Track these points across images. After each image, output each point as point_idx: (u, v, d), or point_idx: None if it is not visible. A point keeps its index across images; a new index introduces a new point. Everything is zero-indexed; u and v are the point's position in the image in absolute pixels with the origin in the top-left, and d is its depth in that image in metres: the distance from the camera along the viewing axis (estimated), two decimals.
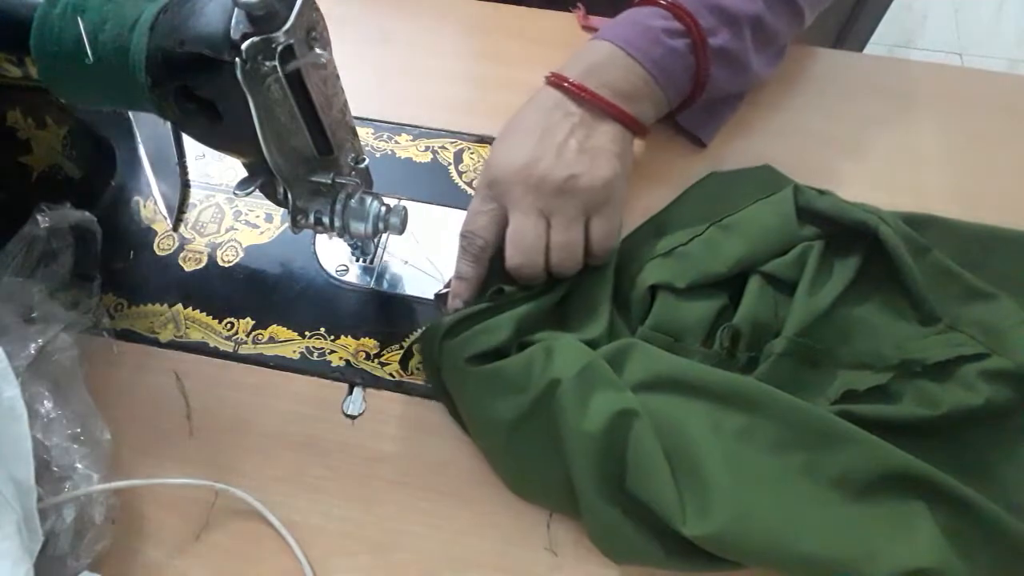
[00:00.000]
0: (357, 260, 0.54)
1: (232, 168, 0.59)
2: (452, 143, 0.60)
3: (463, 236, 0.49)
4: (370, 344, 0.51)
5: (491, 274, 0.49)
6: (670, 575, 0.43)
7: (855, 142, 0.58)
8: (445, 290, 0.50)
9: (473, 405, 0.46)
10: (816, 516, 0.41)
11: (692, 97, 0.54)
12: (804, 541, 0.40)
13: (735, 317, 0.48)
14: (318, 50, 0.38)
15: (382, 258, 0.55)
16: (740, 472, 0.41)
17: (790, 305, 0.48)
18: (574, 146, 0.48)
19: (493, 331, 0.46)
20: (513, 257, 0.47)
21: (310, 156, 0.44)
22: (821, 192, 0.52)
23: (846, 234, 0.50)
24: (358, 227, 0.46)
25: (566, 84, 0.50)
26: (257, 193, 0.45)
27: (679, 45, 0.51)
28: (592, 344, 0.46)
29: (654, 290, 0.50)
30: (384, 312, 0.53)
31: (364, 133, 0.60)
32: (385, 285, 0.54)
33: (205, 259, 0.55)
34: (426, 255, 0.55)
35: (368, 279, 0.54)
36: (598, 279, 0.50)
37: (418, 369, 0.50)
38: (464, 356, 0.46)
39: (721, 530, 0.40)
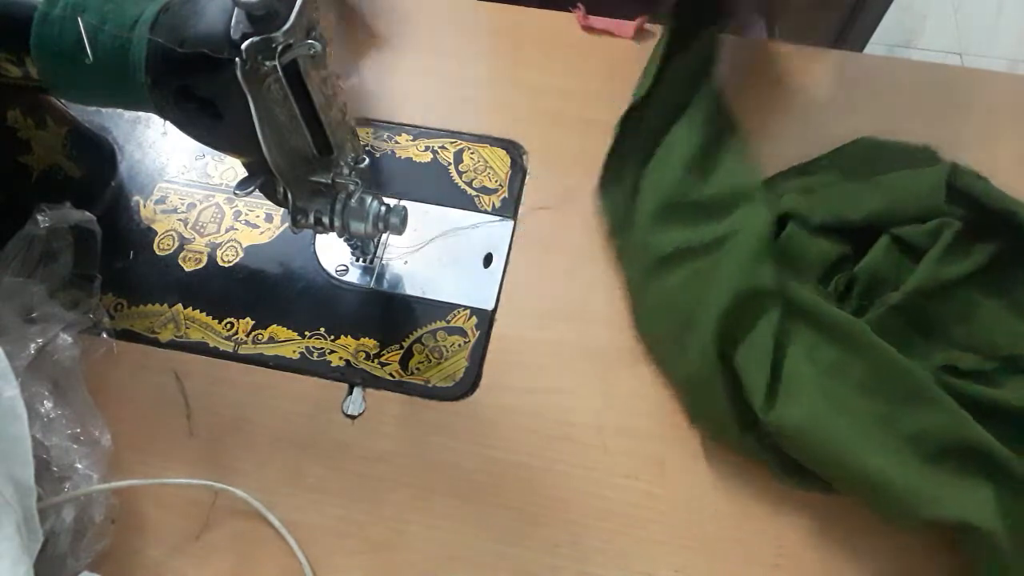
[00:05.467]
0: (357, 260, 0.54)
1: (232, 168, 0.59)
2: (452, 143, 0.60)
3: None
4: (370, 344, 0.51)
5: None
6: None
7: None
8: None
9: (647, 228, 0.50)
10: (886, 456, 0.42)
11: None
12: (872, 460, 0.41)
13: (856, 267, 0.49)
14: (311, 40, 0.38)
15: (382, 258, 0.55)
16: (824, 394, 0.43)
17: (913, 271, 0.49)
18: None
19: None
20: None
21: (310, 156, 0.44)
22: (979, 176, 0.51)
23: (989, 221, 0.50)
24: (358, 227, 0.46)
25: None
26: (257, 193, 0.45)
27: None
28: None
29: (784, 222, 0.51)
30: (384, 312, 0.53)
31: (364, 133, 0.60)
32: (385, 285, 0.54)
33: (205, 259, 0.55)
34: (426, 255, 0.55)
35: (368, 279, 0.54)
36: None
37: (418, 369, 0.50)
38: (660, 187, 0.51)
39: (795, 424, 0.42)
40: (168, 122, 0.43)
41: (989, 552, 0.40)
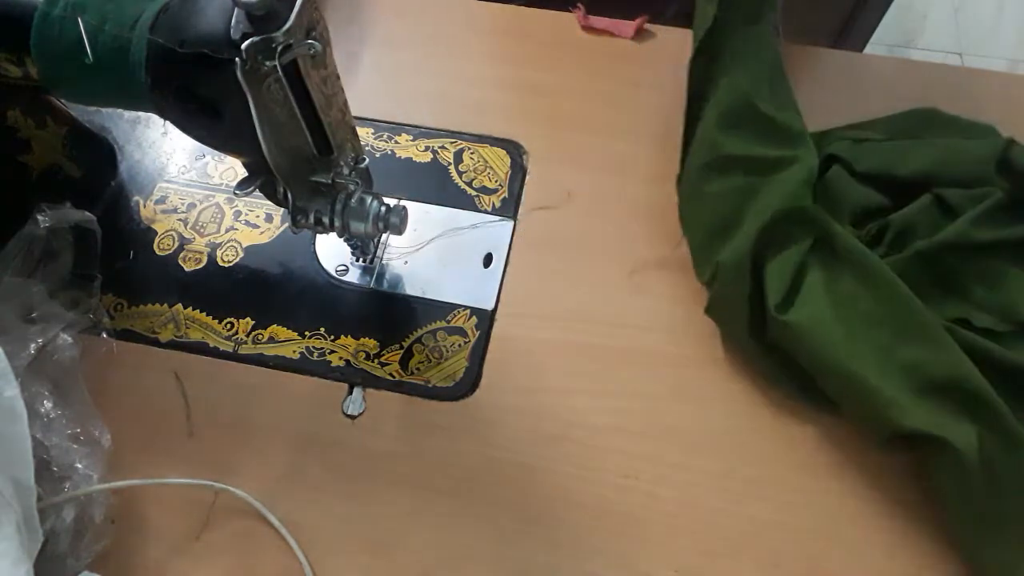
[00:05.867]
0: (357, 260, 0.54)
1: (232, 168, 0.59)
2: (452, 143, 0.60)
3: None
4: (370, 344, 0.51)
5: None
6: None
7: None
8: None
9: (714, 126, 0.52)
10: (879, 371, 0.44)
11: None
12: (864, 369, 0.44)
13: (891, 216, 0.51)
14: (311, 40, 0.38)
15: (382, 258, 0.55)
16: (833, 314, 0.46)
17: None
18: None
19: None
20: None
21: (310, 156, 0.44)
22: None
23: None
24: (358, 227, 0.46)
25: None
26: (257, 193, 0.45)
27: None
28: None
29: (830, 163, 0.53)
30: (384, 312, 0.53)
31: (364, 133, 0.60)
32: (385, 285, 0.54)
33: (205, 259, 0.55)
34: (426, 255, 0.55)
35: (368, 279, 0.54)
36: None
37: (418, 369, 0.50)
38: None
39: (797, 322, 0.46)
40: (168, 122, 0.43)
41: (958, 475, 0.41)
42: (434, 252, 0.55)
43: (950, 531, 0.43)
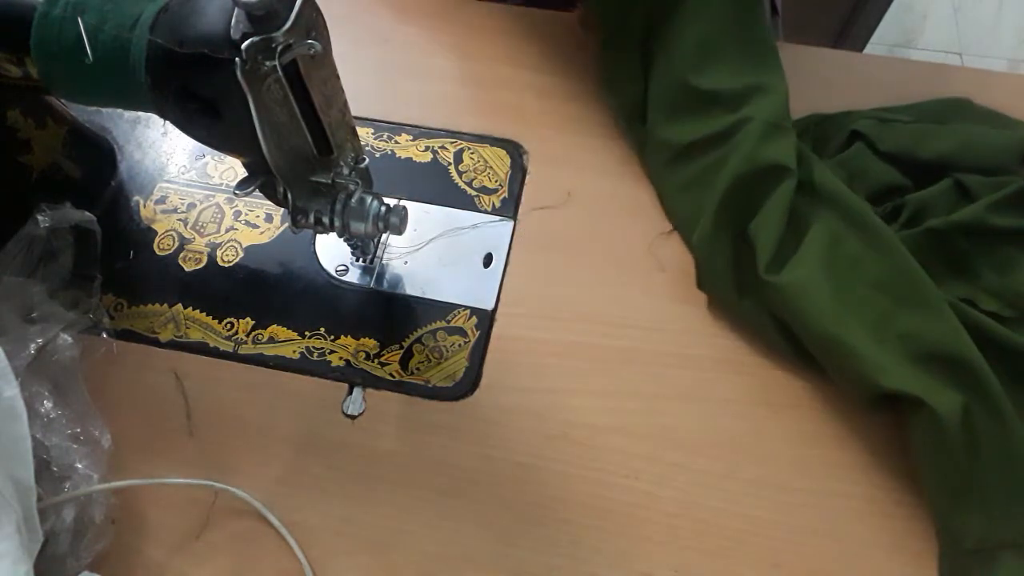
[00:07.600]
0: (357, 260, 0.54)
1: (232, 168, 0.59)
2: (452, 143, 0.60)
3: None
4: (370, 344, 0.51)
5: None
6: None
7: None
8: None
9: (661, 122, 0.53)
10: (872, 337, 0.44)
11: None
12: (841, 329, 0.44)
13: (909, 195, 0.51)
14: (311, 40, 0.38)
15: (382, 258, 0.55)
16: (834, 279, 0.46)
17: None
18: None
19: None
20: None
21: (310, 156, 0.44)
22: None
23: None
24: (358, 227, 0.46)
25: None
26: (257, 193, 0.45)
27: None
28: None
29: (853, 139, 0.54)
30: (384, 312, 0.53)
31: (364, 133, 0.60)
32: (385, 285, 0.54)
33: (205, 259, 0.55)
34: (426, 255, 0.55)
35: (368, 279, 0.54)
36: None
37: (418, 369, 0.50)
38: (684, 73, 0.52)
39: (785, 283, 0.46)
40: (168, 122, 0.43)
41: (936, 439, 0.41)
42: (434, 252, 0.55)
43: (926, 495, 0.44)
